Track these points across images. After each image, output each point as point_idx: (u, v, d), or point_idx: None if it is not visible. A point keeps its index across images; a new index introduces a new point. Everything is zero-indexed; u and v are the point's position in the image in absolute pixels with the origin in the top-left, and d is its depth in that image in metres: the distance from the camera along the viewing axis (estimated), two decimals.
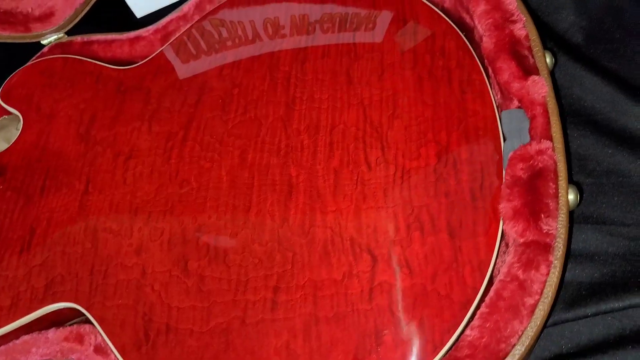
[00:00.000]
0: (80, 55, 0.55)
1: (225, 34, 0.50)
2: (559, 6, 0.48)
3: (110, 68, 0.52)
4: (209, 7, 0.53)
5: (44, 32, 0.57)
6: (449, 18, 0.45)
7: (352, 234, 0.37)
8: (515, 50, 0.37)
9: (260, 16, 0.50)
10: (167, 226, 0.41)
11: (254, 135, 0.43)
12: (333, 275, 0.36)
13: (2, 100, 0.53)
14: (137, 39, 0.53)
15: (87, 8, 0.55)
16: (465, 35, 0.44)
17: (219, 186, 0.42)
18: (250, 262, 0.38)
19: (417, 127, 0.40)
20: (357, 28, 0.46)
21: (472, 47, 0.43)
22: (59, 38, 0.58)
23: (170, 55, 0.51)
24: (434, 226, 0.36)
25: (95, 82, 0.52)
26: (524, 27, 0.38)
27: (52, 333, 0.42)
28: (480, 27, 0.40)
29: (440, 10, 0.45)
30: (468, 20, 0.44)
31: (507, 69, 0.37)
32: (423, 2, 0.46)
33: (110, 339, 0.39)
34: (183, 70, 0.49)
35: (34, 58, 0.57)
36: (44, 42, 0.57)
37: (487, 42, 0.39)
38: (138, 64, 0.51)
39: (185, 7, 0.52)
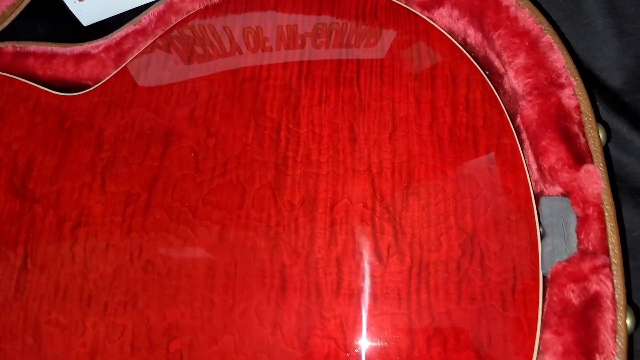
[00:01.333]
0: (12, 72, 0.44)
1: (196, 54, 0.40)
2: (600, 40, 0.40)
3: (51, 94, 0.42)
4: (174, 19, 0.42)
5: None
6: (471, 54, 0.37)
7: (360, 348, 0.31)
8: (564, 126, 0.30)
9: (240, 28, 0.40)
10: (128, 323, 0.34)
11: (236, 207, 0.35)
12: None
13: None
14: (84, 56, 0.42)
15: (18, 12, 0.44)
16: (487, 76, 0.36)
17: (193, 273, 0.34)
18: None
19: (436, 207, 0.33)
20: (360, 64, 0.37)
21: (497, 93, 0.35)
22: None
23: (127, 82, 0.41)
24: (458, 341, 0.30)
25: (31, 113, 0.41)
26: (574, 95, 0.31)
27: None
28: (517, 84, 0.33)
29: (461, 44, 0.37)
30: (497, 63, 0.36)
31: (554, 152, 0.30)
32: (441, 32, 0.38)
33: None
34: (144, 105, 0.40)
35: None
36: None
37: (528, 110, 0.31)
38: (86, 91, 0.41)
39: (144, 19, 0.42)
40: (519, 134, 0.35)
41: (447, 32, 0.38)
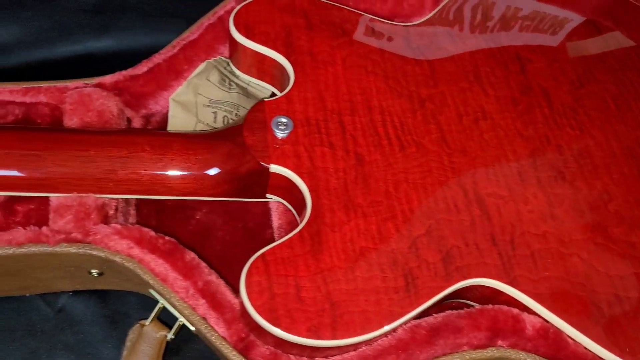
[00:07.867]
0: None
1: None
2: None
3: (381, 21, 0.45)
4: None
5: None
6: None
7: None
8: None
9: None
10: (564, 192, 0.38)
11: (607, 109, 0.42)
12: None
13: (243, 33, 0.41)
14: None
15: None
16: None
17: (599, 153, 0.40)
18: None
19: None
20: None
21: None
22: None
23: (459, 15, 0.46)
24: None
25: (369, 34, 0.44)
26: None
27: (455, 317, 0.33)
28: None
29: None
30: None
31: None
32: None
33: (562, 317, 0.33)
34: (481, 38, 0.45)
35: None
36: None
37: None
38: (418, 22, 0.46)
39: None
40: None
41: None
